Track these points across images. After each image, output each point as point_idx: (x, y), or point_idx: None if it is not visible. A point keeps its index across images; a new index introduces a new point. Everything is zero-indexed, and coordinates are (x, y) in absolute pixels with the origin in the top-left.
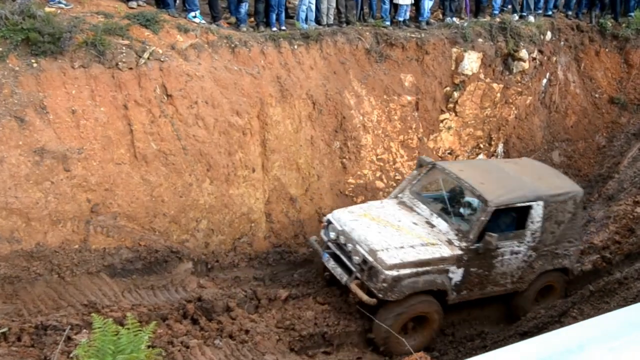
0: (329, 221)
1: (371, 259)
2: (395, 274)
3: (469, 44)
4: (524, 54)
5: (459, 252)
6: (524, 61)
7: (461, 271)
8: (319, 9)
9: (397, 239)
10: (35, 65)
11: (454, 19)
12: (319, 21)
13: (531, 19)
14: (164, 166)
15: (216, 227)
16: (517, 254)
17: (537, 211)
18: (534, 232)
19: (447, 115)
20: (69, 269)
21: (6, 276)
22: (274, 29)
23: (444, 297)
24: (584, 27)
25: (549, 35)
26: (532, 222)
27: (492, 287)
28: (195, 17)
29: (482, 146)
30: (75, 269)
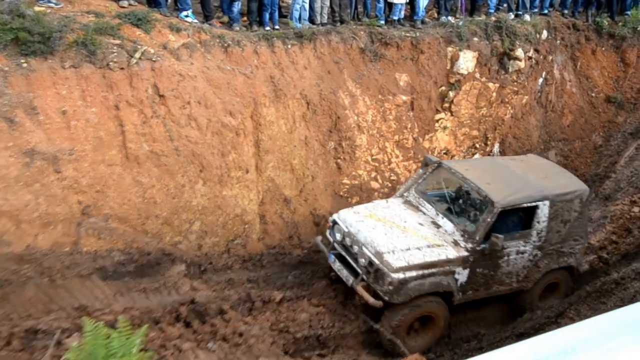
0: (335, 222)
1: (377, 262)
2: (401, 276)
3: (464, 43)
4: (519, 53)
5: (465, 254)
6: (520, 60)
7: (467, 272)
8: (312, 8)
9: (403, 241)
10: (25, 65)
11: (449, 18)
12: (312, 20)
13: (527, 17)
14: (156, 167)
15: (209, 229)
16: (523, 253)
17: (543, 211)
18: (539, 232)
19: (442, 114)
20: (60, 272)
21: None
22: (267, 28)
23: (450, 297)
24: (580, 25)
25: (545, 34)
26: (538, 222)
27: (497, 286)
28: (187, 16)
29: (478, 146)
30: (66, 271)
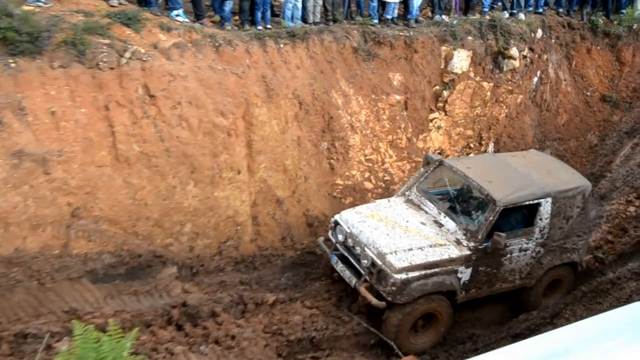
0: (337, 222)
1: (380, 263)
2: (404, 277)
3: (458, 42)
4: (514, 52)
5: (468, 252)
6: (515, 59)
7: (470, 271)
8: (305, 6)
9: (405, 241)
10: (13, 65)
11: (443, 17)
12: (305, 19)
13: (522, 16)
14: (146, 168)
15: (201, 231)
16: (526, 250)
17: (545, 208)
18: (542, 229)
19: (436, 114)
20: (49, 275)
21: None
22: (259, 28)
23: (453, 296)
24: (575, 24)
25: (539, 32)
26: (541, 219)
27: (500, 284)
28: (178, 15)
29: (472, 146)
30: (55, 274)
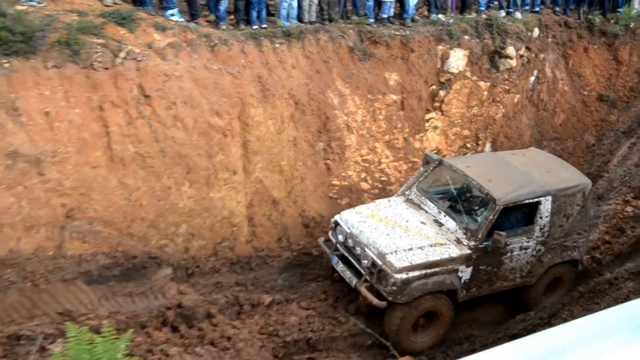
0: (337, 223)
1: (380, 263)
2: (404, 276)
3: (454, 42)
4: (511, 51)
5: (468, 252)
6: (511, 58)
7: (470, 270)
8: (300, 6)
9: (405, 241)
10: (6, 65)
11: (440, 16)
12: (301, 19)
13: (518, 15)
14: (141, 169)
15: (196, 232)
16: (526, 249)
17: (545, 206)
18: (542, 227)
19: (433, 114)
20: (43, 277)
21: None
22: (255, 27)
23: (454, 295)
24: (572, 23)
25: (536, 31)
26: (541, 218)
27: (501, 282)
28: (173, 15)
29: (469, 146)
30: (49, 276)
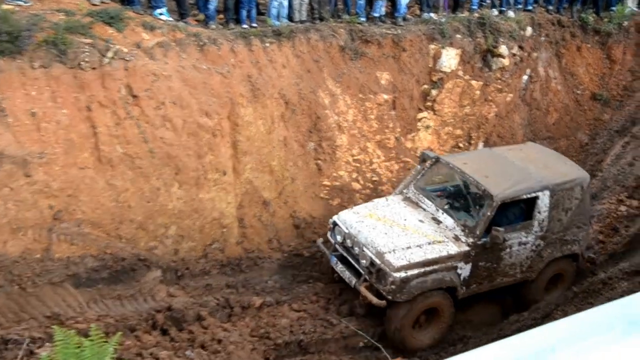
0: (335, 223)
1: (378, 262)
2: (403, 275)
3: (447, 40)
4: (503, 50)
5: (466, 248)
6: (504, 57)
7: (469, 266)
8: (291, 5)
9: (403, 240)
10: None
11: (432, 15)
12: (291, 18)
13: (511, 14)
14: (130, 170)
15: (186, 233)
16: (525, 244)
17: (543, 201)
18: (541, 222)
19: (425, 113)
20: (31, 280)
21: None
22: (245, 26)
23: (454, 292)
24: (565, 22)
25: (529, 30)
26: (539, 212)
27: (501, 278)
28: (161, 14)
29: (461, 145)
30: (37, 279)
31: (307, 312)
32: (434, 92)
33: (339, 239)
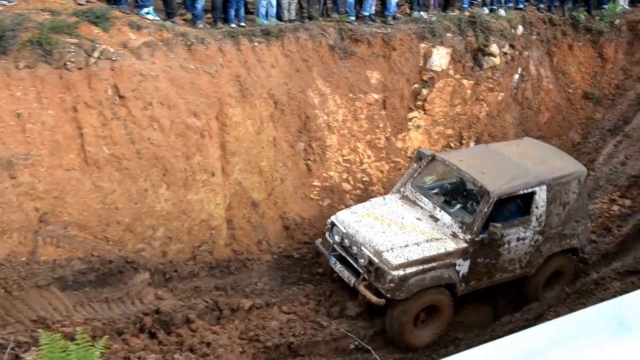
0: (333, 223)
1: (377, 260)
2: (401, 273)
3: (437, 39)
4: (494, 48)
5: (464, 245)
6: (495, 56)
7: (468, 263)
8: (280, 3)
9: (401, 238)
10: None
11: (422, 14)
12: (280, 17)
13: (502, 12)
14: (117, 171)
15: (174, 235)
16: (524, 239)
17: (540, 196)
18: (539, 217)
19: (415, 113)
20: (16, 283)
21: None
22: (233, 25)
23: (453, 289)
24: (557, 20)
25: (520, 29)
26: (537, 207)
27: (500, 274)
28: (148, 13)
29: (452, 145)
30: (22, 282)
31: (297, 314)
32: (425, 92)
33: (337, 238)
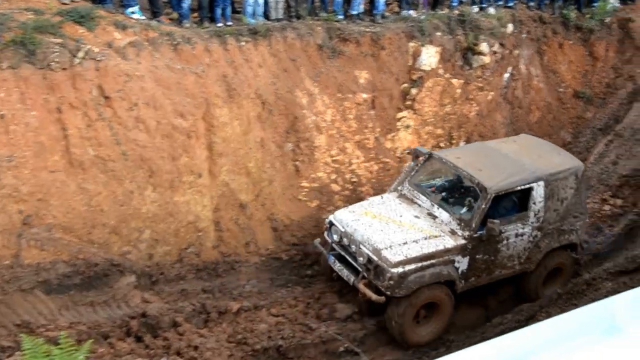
0: (331, 223)
1: (376, 258)
2: (400, 270)
3: (426, 38)
4: (484, 47)
5: (463, 242)
6: (485, 55)
7: (467, 259)
8: (267, 2)
9: (400, 236)
10: None
11: (411, 12)
12: (267, 16)
13: (491, 10)
14: (102, 173)
15: (160, 237)
16: (522, 235)
17: (538, 192)
18: (537, 213)
19: (405, 113)
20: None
21: None
22: (219, 25)
23: (453, 285)
24: (547, 18)
25: (510, 27)
26: (535, 203)
27: (499, 270)
28: (133, 12)
29: (442, 145)
30: (6, 286)
31: (286, 317)
32: (414, 91)
33: (336, 238)
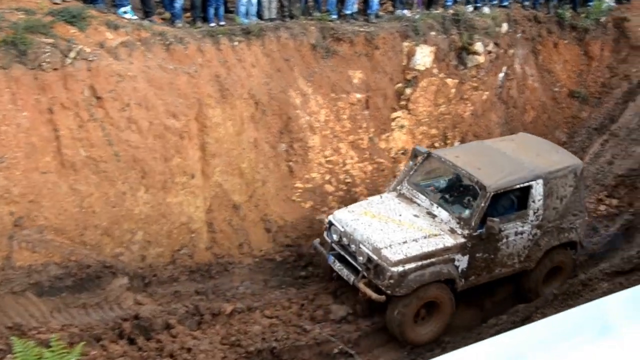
0: (331, 223)
1: (375, 257)
2: (400, 269)
3: (420, 38)
4: (479, 47)
5: (462, 240)
6: (479, 55)
7: (467, 258)
8: (260, 2)
9: (399, 235)
10: None
11: (405, 12)
12: (260, 15)
13: (486, 10)
14: (94, 174)
15: (153, 239)
16: (522, 233)
17: (537, 190)
18: (536, 211)
19: (399, 113)
20: None
21: None
22: (212, 25)
23: (453, 284)
24: (542, 17)
25: (505, 27)
26: (534, 201)
27: (499, 269)
28: (125, 12)
29: (437, 145)
30: None
31: (280, 319)
32: (408, 91)
33: (335, 237)
